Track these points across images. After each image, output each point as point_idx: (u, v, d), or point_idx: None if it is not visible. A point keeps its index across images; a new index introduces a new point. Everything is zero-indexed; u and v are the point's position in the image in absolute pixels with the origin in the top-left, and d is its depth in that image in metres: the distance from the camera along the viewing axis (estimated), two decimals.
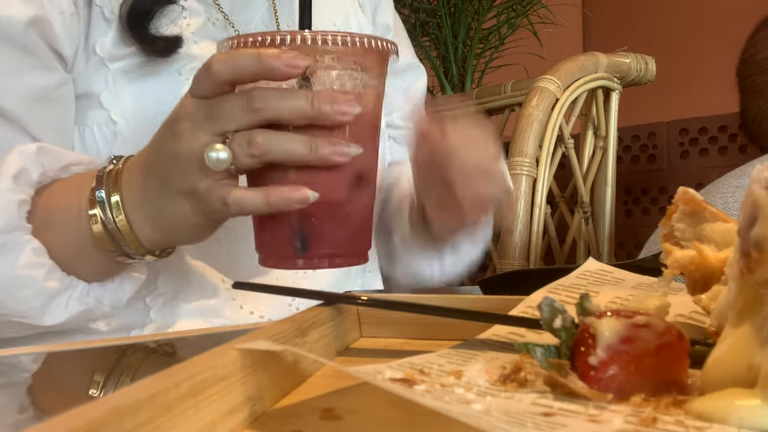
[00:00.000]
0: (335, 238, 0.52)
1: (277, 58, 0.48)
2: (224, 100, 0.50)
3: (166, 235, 0.58)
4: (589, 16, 2.69)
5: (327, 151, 0.49)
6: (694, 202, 0.37)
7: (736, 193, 1.03)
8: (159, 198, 0.55)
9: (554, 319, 0.30)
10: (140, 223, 0.57)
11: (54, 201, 0.61)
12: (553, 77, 1.27)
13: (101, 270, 0.63)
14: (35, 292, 0.59)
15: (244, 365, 0.28)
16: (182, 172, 0.53)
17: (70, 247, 0.60)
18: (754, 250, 0.25)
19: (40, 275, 0.59)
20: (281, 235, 0.52)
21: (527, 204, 1.23)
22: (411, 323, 0.46)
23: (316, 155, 0.49)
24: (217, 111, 0.50)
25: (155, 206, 0.56)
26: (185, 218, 0.55)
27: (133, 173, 0.58)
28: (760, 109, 1.35)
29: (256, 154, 0.49)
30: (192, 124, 0.51)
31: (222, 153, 0.49)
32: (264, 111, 0.49)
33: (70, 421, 0.19)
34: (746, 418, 0.24)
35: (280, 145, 0.49)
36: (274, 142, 0.49)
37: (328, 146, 0.49)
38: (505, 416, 0.25)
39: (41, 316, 0.60)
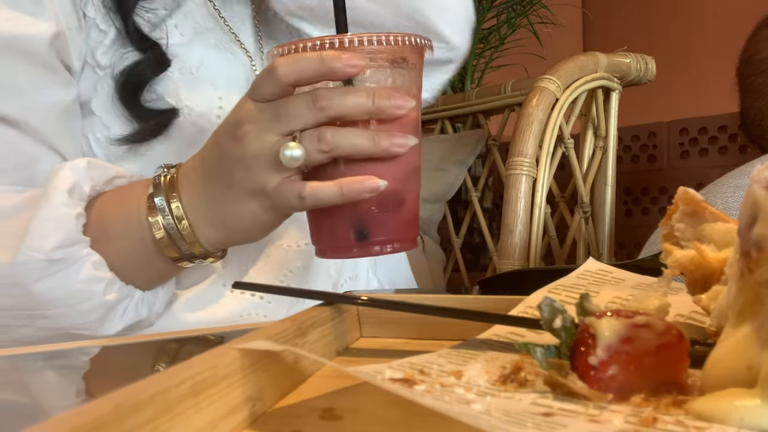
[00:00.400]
0: (393, 225, 0.56)
1: (338, 59, 0.51)
2: (289, 101, 0.53)
3: (230, 236, 0.61)
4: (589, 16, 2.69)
5: (388, 144, 0.53)
6: (694, 202, 0.37)
7: (736, 193, 1.03)
8: (223, 200, 0.58)
9: (554, 319, 0.30)
10: (202, 226, 0.59)
11: (109, 213, 0.62)
12: (553, 77, 1.27)
13: (159, 276, 0.65)
14: (95, 306, 0.60)
15: (244, 365, 0.28)
16: (250, 172, 0.55)
17: (130, 257, 0.61)
18: (754, 250, 0.25)
19: (100, 289, 0.60)
20: (342, 225, 0.55)
21: (527, 204, 1.23)
22: (411, 323, 0.46)
23: (379, 147, 0.53)
24: (284, 111, 0.53)
25: (219, 208, 0.58)
26: (254, 217, 0.58)
27: (190, 178, 0.60)
28: (760, 109, 1.35)
29: (325, 150, 0.52)
30: (256, 126, 0.54)
31: (296, 150, 0.52)
32: (329, 109, 0.52)
33: (71, 420, 0.19)
34: (746, 418, 0.24)
35: (347, 140, 0.53)
36: (341, 137, 0.52)
37: (388, 139, 0.53)
38: (505, 416, 0.25)
39: (98, 327, 0.61)
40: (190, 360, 0.26)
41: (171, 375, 0.23)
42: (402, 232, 0.57)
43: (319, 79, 0.53)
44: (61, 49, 0.66)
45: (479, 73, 2.05)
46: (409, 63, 0.55)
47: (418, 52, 0.56)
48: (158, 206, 0.59)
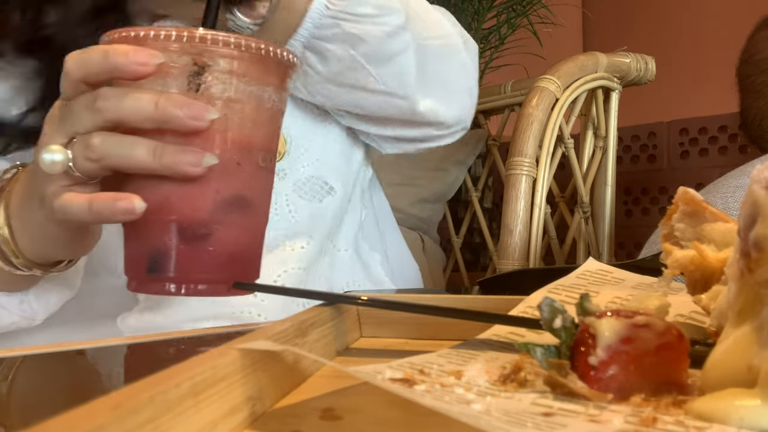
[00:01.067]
0: (194, 263, 0.45)
1: (124, 55, 0.43)
2: (74, 101, 0.46)
3: (38, 246, 0.55)
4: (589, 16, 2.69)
5: (172, 159, 0.43)
6: (694, 202, 0.37)
7: (736, 193, 1.03)
8: (26, 207, 0.53)
9: (554, 319, 0.30)
10: (19, 234, 0.55)
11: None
12: (553, 77, 1.27)
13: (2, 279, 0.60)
14: None
15: (244, 365, 0.28)
16: (36, 178, 0.50)
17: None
18: (754, 250, 0.25)
19: None
20: (138, 253, 0.46)
21: (527, 204, 1.23)
22: (411, 323, 0.46)
23: (161, 162, 0.43)
24: (68, 111, 0.47)
25: (24, 215, 0.54)
26: (42, 227, 0.52)
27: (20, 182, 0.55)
28: (760, 109, 1.35)
29: (92, 158, 0.45)
30: (50, 127, 0.49)
31: (57, 155, 0.45)
32: (106, 111, 0.44)
33: (70, 420, 0.19)
34: (746, 418, 0.24)
35: (119, 149, 0.44)
36: (112, 145, 0.44)
37: (176, 153, 0.43)
38: (505, 416, 0.25)
39: None
40: (190, 360, 0.26)
41: (171, 375, 0.23)
42: (208, 273, 0.46)
43: (107, 76, 0.45)
44: None
45: (479, 73, 2.05)
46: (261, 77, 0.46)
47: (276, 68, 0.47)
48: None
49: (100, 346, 0.54)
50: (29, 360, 0.48)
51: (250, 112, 0.46)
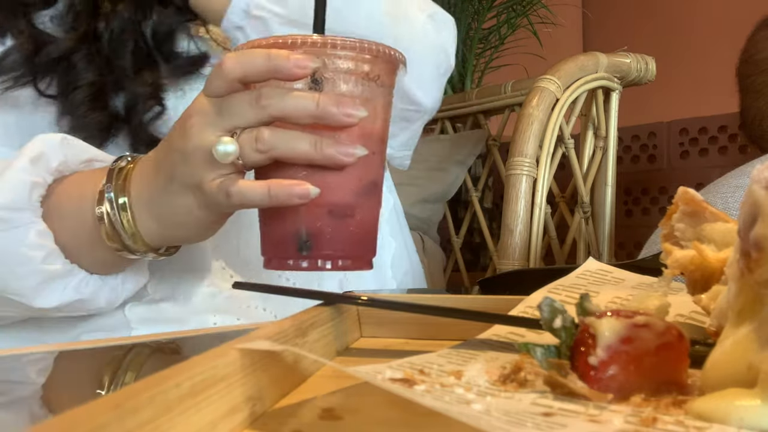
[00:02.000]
0: (340, 241, 0.52)
1: (285, 59, 0.49)
2: (234, 98, 0.52)
3: (171, 231, 0.60)
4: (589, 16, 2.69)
5: (332, 151, 0.50)
6: (694, 202, 0.37)
7: (736, 193, 1.03)
8: (165, 193, 0.57)
9: (554, 319, 0.30)
10: (145, 220, 0.59)
11: (68, 191, 0.62)
12: (553, 77, 1.27)
13: (104, 263, 0.64)
14: (32, 271, 0.60)
15: (244, 365, 0.28)
16: (189, 166, 0.54)
17: (75, 237, 0.61)
18: (754, 250, 0.25)
19: (38, 256, 0.60)
20: (286, 234, 0.52)
21: (527, 204, 1.23)
22: (411, 323, 0.46)
23: (321, 154, 0.50)
24: (228, 107, 0.52)
25: (161, 202, 0.57)
26: (190, 213, 0.56)
27: (143, 171, 0.59)
28: (760, 109, 1.35)
29: (262, 150, 0.50)
30: (202, 120, 0.53)
31: (230, 146, 0.50)
32: (270, 108, 0.50)
33: (70, 420, 0.19)
34: (746, 418, 0.24)
35: (286, 143, 0.50)
36: (279, 138, 0.50)
37: (333, 146, 0.50)
38: (505, 416, 0.25)
39: (33, 297, 0.61)
40: (190, 360, 0.26)
41: (171, 375, 0.23)
42: (351, 250, 0.53)
43: (266, 77, 0.51)
44: None
45: (479, 73, 2.05)
46: (378, 75, 0.52)
47: (390, 65, 0.53)
48: (107, 196, 0.59)
49: (100, 346, 0.54)
50: (29, 360, 0.48)
51: (377, 107, 0.53)
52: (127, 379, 0.42)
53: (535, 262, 1.24)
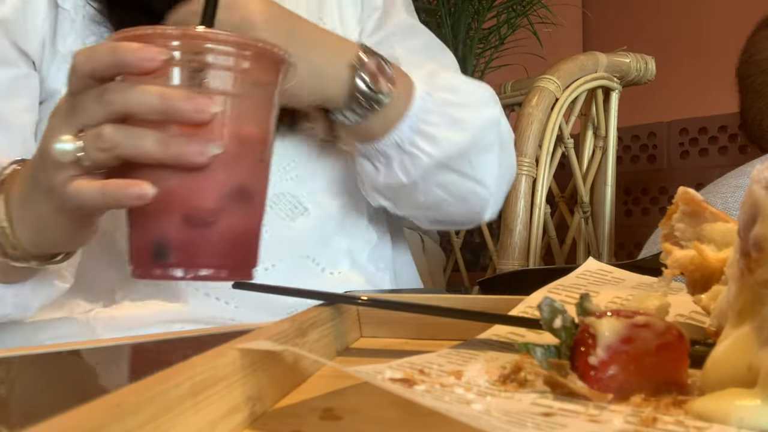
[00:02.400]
0: (203, 249, 0.48)
1: (131, 51, 0.45)
2: (82, 94, 0.48)
3: (40, 237, 0.57)
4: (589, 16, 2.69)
5: (179, 150, 0.45)
6: (694, 202, 0.37)
7: (736, 193, 1.03)
8: (30, 199, 0.54)
9: (554, 319, 0.30)
10: (18, 226, 0.56)
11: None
12: (553, 77, 1.27)
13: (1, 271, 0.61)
14: None
15: (244, 365, 0.28)
16: (45, 169, 0.51)
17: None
18: (754, 250, 0.25)
19: None
20: (144, 241, 0.48)
21: (527, 204, 1.23)
22: (411, 323, 0.46)
23: (168, 152, 0.45)
24: (75, 105, 0.48)
25: (27, 208, 0.55)
26: (49, 218, 0.53)
27: (22, 176, 0.57)
28: (759, 110, 1.35)
29: (104, 148, 0.46)
30: (57, 120, 0.50)
31: (67, 144, 0.47)
32: (114, 104, 0.46)
33: (70, 420, 0.19)
34: (746, 418, 0.24)
35: (130, 140, 0.46)
36: (123, 135, 0.46)
37: (182, 144, 0.46)
38: (505, 416, 0.25)
39: None
40: (190, 360, 0.25)
41: (171, 375, 0.23)
42: (216, 259, 0.48)
43: (114, 71, 0.47)
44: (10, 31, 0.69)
45: (479, 73, 2.04)
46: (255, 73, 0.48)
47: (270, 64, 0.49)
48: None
49: (100, 346, 0.54)
50: (29, 360, 0.48)
51: (248, 107, 0.48)
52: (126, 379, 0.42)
53: (535, 262, 1.24)
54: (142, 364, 0.50)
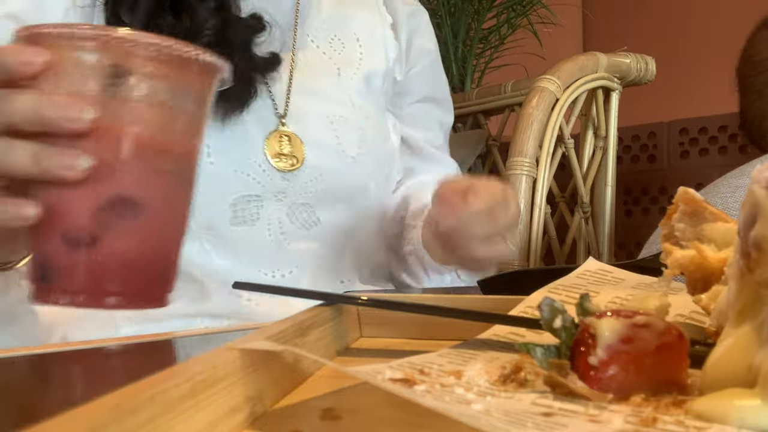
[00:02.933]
0: (83, 272, 0.42)
1: (12, 54, 0.41)
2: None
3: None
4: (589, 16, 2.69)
5: (50, 163, 0.41)
6: (694, 202, 0.37)
7: (736, 193, 1.03)
8: None
9: (554, 319, 0.30)
10: None
11: None
12: (553, 77, 1.27)
13: None
14: None
15: (244, 365, 0.28)
16: None
17: None
18: (754, 250, 0.25)
19: None
20: (32, 261, 0.44)
21: (527, 204, 1.23)
22: (411, 323, 0.46)
23: (39, 166, 0.41)
24: None
25: None
26: None
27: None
28: (759, 110, 1.35)
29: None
30: None
31: None
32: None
33: (70, 420, 0.19)
34: (746, 418, 0.24)
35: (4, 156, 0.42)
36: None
37: (53, 156, 0.41)
38: (505, 416, 0.25)
39: None
40: (190, 360, 0.25)
41: (171, 375, 0.23)
42: (102, 285, 0.42)
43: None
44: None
45: (479, 73, 2.04)
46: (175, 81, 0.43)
47: (197, 72, 0.44)
48: None
49: (101, 346, 0.54)
50: (29, 360, 0.48)
51: (148, 114, 0.43)
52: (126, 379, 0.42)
53: (535, 262, 1.24)
54: (142, 364, 0.50)
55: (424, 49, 0.98)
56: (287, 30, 0.82)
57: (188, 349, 0.53)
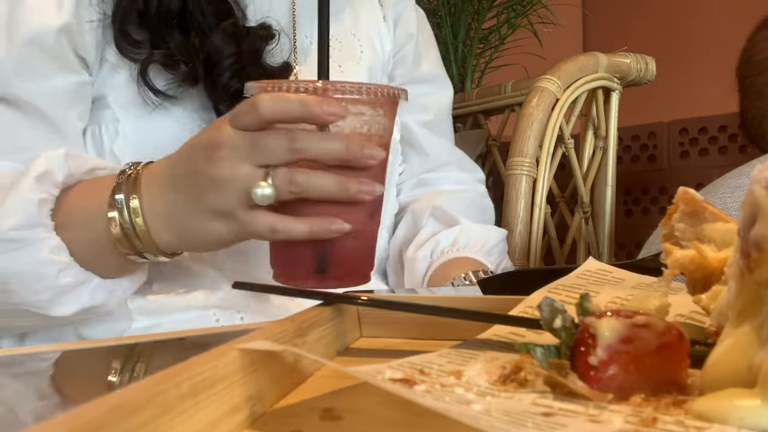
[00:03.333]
0: (350, 262, 0.60)
1: (319, 106, 0.54)
2: (268, 136, 0.56)
3: (187, 245, 0.64)
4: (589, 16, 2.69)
5: (355, 190, 0.56)
6: (694, 202, 0.37)
7: (736, 193, 1.03)
8: (188, 213, 0.60)
9: (554, 319, 0.30)
10: (159, 230, 0.61)
11: (76, 201, 0.64)
12: (553, 77, 1.27)
13: (116, 268, 0.66)
14: (47, 286, 0.62)
15: (244, 365, 0.28)
16: (221, 196, 0.57)
17: (88, 245, 0.64)
18: (754, 250, 0.25)
19: (52, 272, 0.62)
20: (304, 256, 0.59)
21: (527, 204, 1.23)
22: (411, 323, 0.46)
23: (347, 194, 0.56)
24: (263, 146, 0.56)
25: (182, 220, 0.60)
26: (218, 235, 0.60)
27: (153, 182, 0.62)
28: (759, 110, 1.35)
29: (295, 191, 0.55)
30: (233, 153, 0.56)
31: (267, 190, 0.55)
32: (305, 152, 0.55)
33: (70, 420, 0.19)
34: (746, 418, 0.24)
35: (317, 184, 0.56)
36: (311, 181, 0.56)
37: (356, 185, 0.56)
38: (505, 416, 0.25)
39: (49, 308, 0.63)
40: (190, 360, 0.26)
41: (171, 375, 0.23)
42: (357, 269, 0.61)
43: (299, 121, 0.55)
44: (73, 40, 0.71)
45: (479, 73, 2.04)
46: (384, 112, 0.58)
47: (392, 103, 0.59)
48: (117, 203, 0.61)
49: (100, 346, 0.54)
50: (29, 360, 0.48)
51: (388, 142, 0.60)
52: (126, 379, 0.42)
53: (535, 262, 1.24)
54: (142, 364, 0.50)
55: (407, 34, 0.98)
56: (288, 33, 0.82)
57: (188, 349, 0.53)
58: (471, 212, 0.96)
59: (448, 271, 0.85)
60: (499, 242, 0.93)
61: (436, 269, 0.86)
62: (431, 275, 0.85)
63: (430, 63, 1.02)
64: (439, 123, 1.02)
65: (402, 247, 0.93)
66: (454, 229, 0.90)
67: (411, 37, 0.99)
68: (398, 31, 0.97)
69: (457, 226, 0.90)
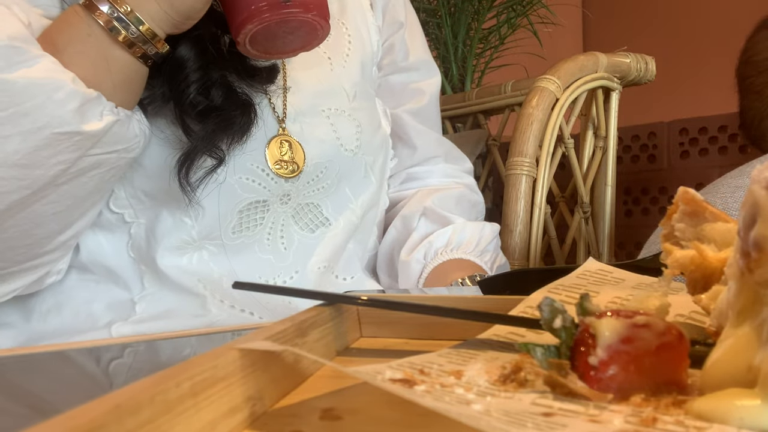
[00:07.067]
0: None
1: None
2: None
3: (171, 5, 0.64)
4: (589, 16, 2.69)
5: None
6: (694, 202, 0.37)
7: (736, 193, 1.03)
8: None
9: (554, 319, 0.30)
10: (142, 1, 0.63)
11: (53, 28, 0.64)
12: (553, 77, 1.27)
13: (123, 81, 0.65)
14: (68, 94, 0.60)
15: (244, 365, 0.28)
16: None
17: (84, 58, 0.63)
18: (754, 250, 0.25)
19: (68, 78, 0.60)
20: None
21: (527, 204, 1.23)
22: (411, 323, 0.46)
23: None
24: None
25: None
26: None
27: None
28: (759, 110, 1.35)
29: None
30: None
31: None
32: None
33: (70, 420, 0.19)
34: (746, 418, 0.24)
35: None
36: None
37: None
38: (505, 416, 0.25)
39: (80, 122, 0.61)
40: (190, 360, 0.25)
41: (171, 375, 0.23)
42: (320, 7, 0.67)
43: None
44: None
45: (479, 73, 2.04)
46: None
47: None
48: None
49: (100, 346, 0.54)
50: (29, 360, 0.48)
51: None
52: (126, 379, 0.42)
53: (535, 262, 1.24)
54: (142, 364, 0.50)
55: (397, 22, 0.98)
56: None
57: (188, 349, 0.53)
58: (461, 208, 0.95)
59: (443, 272, 0.84)
60: (493, 239, 0.92)
61: (430, 271, 0.85)
62: (426, 277, 0.85)
63: (418, 51, 1.01)
64: (428, 110, 1.01)
65: (393, 251, 0.92)
66: (447, 229, 0.89)
67: (400, 26, 0.98)
68: (387, 19, 0.97)
69: (450, 226, 0.89)
